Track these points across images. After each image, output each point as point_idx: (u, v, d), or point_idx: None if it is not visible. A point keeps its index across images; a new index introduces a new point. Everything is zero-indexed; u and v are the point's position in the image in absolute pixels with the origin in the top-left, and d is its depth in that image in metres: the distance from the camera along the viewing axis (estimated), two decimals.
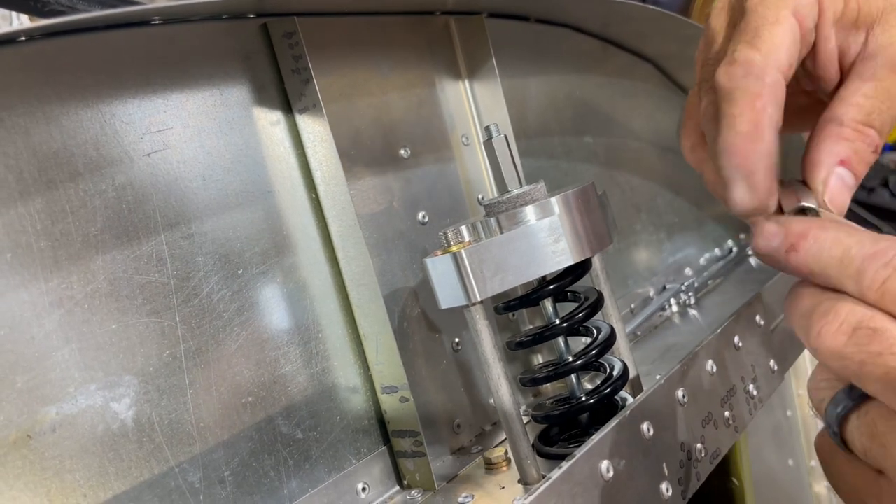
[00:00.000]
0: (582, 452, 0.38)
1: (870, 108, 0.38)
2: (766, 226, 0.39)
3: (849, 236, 0.36)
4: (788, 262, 0.38)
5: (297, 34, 0.42)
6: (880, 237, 0.36)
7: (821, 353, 0.35)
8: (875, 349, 0.34)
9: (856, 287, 0.35)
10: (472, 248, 0.39)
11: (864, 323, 0.34)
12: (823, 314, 0.35)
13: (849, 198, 0.38)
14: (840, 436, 0.36)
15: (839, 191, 0.38)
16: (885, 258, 0.35)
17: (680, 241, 0.77)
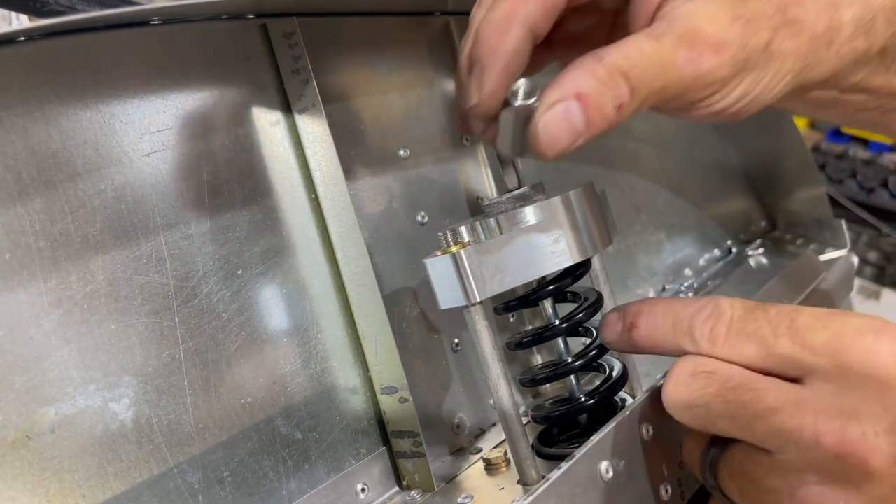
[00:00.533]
0: (581, 453, 0.38)
1: (636, 64, 0.35)
2: (607, 316, 0.42)
3: (675, 303, 0.39)
4: (633, 340, 0.40)
5: (297, 34, 0.42)
6: (701, 298, 0.38)
7: (671, 409, 0.38)
8: (713, 390, 0.36)
9: (692, 343, 0.38)
10: (472, 249, 0.39)
11: (698, 369, 0.37)
12: (668, 375, 0.37)
13: (568, 139, 0.35)
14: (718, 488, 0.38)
15: (560, 121, 0.35)
16: (708, 311, 0.37)
17: (680, 241, 0.77)
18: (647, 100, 0.36)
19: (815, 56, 0.39)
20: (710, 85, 0.37)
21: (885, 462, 0.33)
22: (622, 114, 0.35)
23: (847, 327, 0.34)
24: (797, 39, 0.38)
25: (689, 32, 0.36)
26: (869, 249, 1.80)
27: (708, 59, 0.36)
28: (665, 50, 0.35)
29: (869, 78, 0.44)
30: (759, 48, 0.37)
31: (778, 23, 0.37)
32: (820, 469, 0.34)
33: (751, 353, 0.36)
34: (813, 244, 0.84)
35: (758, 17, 0.37)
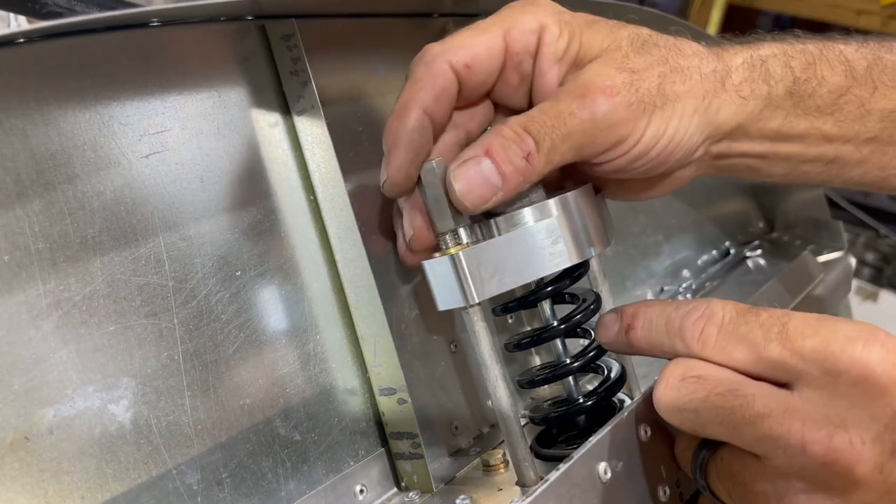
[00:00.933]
0: (579, 454, 0.38)
1: (535, 118, 0.39)
2: (604, 317, 0.42)
3: (669, 305, 0.40)
4: (629, 342, 0.41)
5: (296, 36, 0.42)
6: (695, 300, 0.39)
7: (661, 412, 0.38)
8: (702, 395, 0.36)
9: (683, 345, 0.38)
10: (470, 251, 0.39)
11: (688, 373, 0.37)
12: (659, 378, 0.38)
13: (483, 192, 0.38)
14: (708, 488, 0.39)
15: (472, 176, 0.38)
16: (699, 312, 0.38)
17: (678, 243, 0.77)
18: (555, 148, 0.39)
19: (712, 95, 0.42)
20: (613, 127, 0.40)
21: (871, 470, 0.33)
22: (533, 164, 0.38)
23: (837, 334, 0.34)
24: (687, 82, 0.41)
25: (580, 85, 0.40)
26: (867, 251, 1.81)
27: (600, 103, 0.39)
28: (561, 105, 0.39)
29: (790, 123, 0.46)
30: (651, 91, 0.40)
31: (664, 70, 0.41)
32: (807, 476, 0.35)
33: (741, 356, 0.36)
34: (811, 245, 0.84)
35: (643, 68, 0.41)
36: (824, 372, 0.34)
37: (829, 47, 0.46)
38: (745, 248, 0.83)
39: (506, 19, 0.41)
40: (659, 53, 0.41)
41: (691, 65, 0.42)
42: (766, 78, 0.44)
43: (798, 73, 0.44)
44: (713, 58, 0.43)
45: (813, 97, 0.45)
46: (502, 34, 0.41)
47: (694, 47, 0.43)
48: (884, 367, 0.33)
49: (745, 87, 0.43)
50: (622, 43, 0.41)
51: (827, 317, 0.36)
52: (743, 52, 0.44)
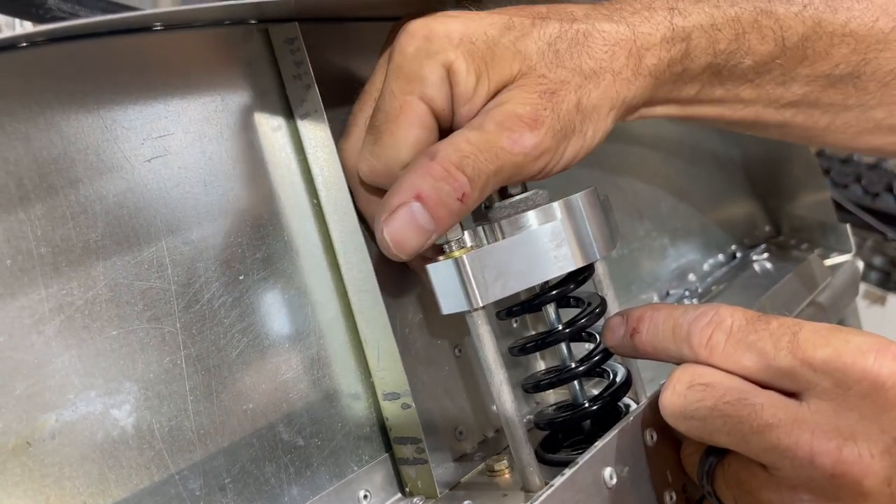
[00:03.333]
0: (584, 459, 0.37)
1: (467, 153, 0.37)
2: (610, 320, 0.42)
3: (676, 309, 0.39)
4: (635, 346, 0.41)
5: (299, 40, 0.42)
6: (703, 305, 0.38)
7: (668, 419, 0.38)
8: (709, 403, 0.36)
9: (690, 350, 0.38)
10: (474, 254, 0.38)
11: (695, 380, 0.37)
12: (665, 384, 0.37)
13: (417, 239, 0.37)
14: (714, 494, 0.38)
15: (404, 225, 0.36)
16: (707, 317, 0.37)
17: (683, 246, 0.77)
18: (487, 184, 0.38)
19: (625, 88, 0.41)
20: (540, 157, 0.39)
21: (880, 484, 0.33)
22: (466, 204, 0.37)
23: (848, 345, 0.34)
24: (601, 85, 0.41)
25: (506, 117, 0.38)
26: (874, 254, 1.80)
27: (528, 138, 0.38)
28: (490, 136, 0.38)
29: (704, 91, 0.45)
30: (571, 111, 0.40)
31: (579, 82, 0.40)
32: (815, 488, 0.34)
33: (750, 364, 0.36)
34: (818, 249, 0.83)
35: (560, 87, 0.39)
36: (835, 383, 0.34)
37: (766, 13, 0.44)
38: (751, 252, 0.82)
39: (411, 81, 0.38)
40: (570, 61, 0.40)
41: (602, 66, 0.40)
42: (684, 56, 0.43)
43: (721, 47, 0.43)
44: (625, 41, 0.41)
45: (734, 69, 0.45)
46: (420, 101, 0.38)
47: (606, 34, 0.41)
48: (894, 379, 0.33)
49: (659, 67, 0.42)
50: (533, 62, 0.39)
51: (838, 327, 0.35)
52: (664, 22, 0.42)
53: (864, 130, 0.50)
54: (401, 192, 0.37)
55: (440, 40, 0.38)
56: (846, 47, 0.46)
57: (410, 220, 0.36)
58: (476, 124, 0.38)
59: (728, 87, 0.46)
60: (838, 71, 0.47)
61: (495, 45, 0.39)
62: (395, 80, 0.39)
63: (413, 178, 0.37)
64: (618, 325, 0.41)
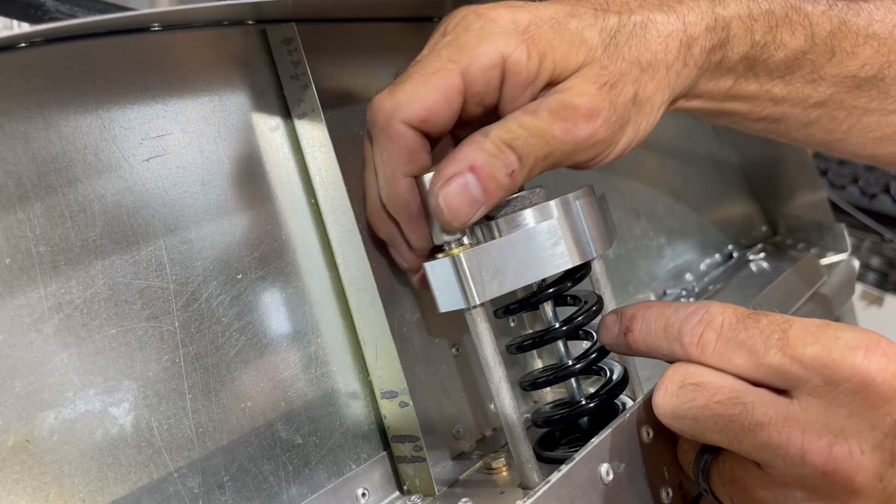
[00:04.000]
0: (581, 456, 0.38)
1: (518, 135, 0.38)
2: (605, 318, 0.42)
3: (668, 307, 0.39)
4: (629, 344, 0.41)
5: (296, 40, 0.42)
6: (695, 303, 0.38)
7: (661, 418, 0.38)
8: (701, 402, 0.36)
9: (681, 348, 0.38)
10: (471, 252, 0.39)
11: (686, 380, 0.37)
12: (658, 384, 0.38)
13: (469, 209, 0.37)
14: (710, 491, 0.39)
15: (458, 194, 0.37)
16: (698, 316, 0.38)
17: (680, 246, 0.77)
18: (535, 165, 0.39)
19: (675, 77, 0.43)
20: (593, 146, 0.40)
21: (871, 479, 0.33)
22: (515, 180, 0.38)
23: (838, 342, 0.34)
24: (656, 77, 0.41)
25: (561, 106, 0.39)
26: (872, 255, 1.80)
27: (582, 128, 0.39)
28: (542, 123, 0.38)
29: (739, 85, 0.47)
30: (628, 104, 0.40)
31: (636, 74, 0.41)
32: (807, 485, 0.34)
33: (740, 362, 0.36)
34: (814, 248, 0.84)
35: (619, 79, 0.40)
36: (824, 380, 0.34)
37: (796, 9, 0.46)
38: (748, 252, 0.83)
39: (462, 53, 0.38)
40: (629, 53, 0.41)
41: (657, 58, 0.41)
42: (725, 43, 0.44)
43: (757, 38, 0.45)
44: (677, 32, 0.42)
45: (768, 61, 0.46)
46: (459, 74, 0.38)
47: (659, 25, 0.42)
48: (884, 375, 0.33)
49: (703, 56, 0.43)
50: (597, 52, 0.40)
51: (828, 323, 0.35)
52: (708, 11, 0.43)
53: (884, 136, 0.52)
54: (455, 162, 0.37)
55: (506, 24, 0.38)
56: (870, 48, 0.47)
57: (464, 189, 0.37)
58: (531, 109, 0.39)
59: (761, 82, 0.47)
60: (863, 73, 0.48)
61: (562, 30, 0.39)
62: (446, 46, 0.39)
63: (467, 150, 0.37)
64: (612, 324, 0.41)
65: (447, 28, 0.40)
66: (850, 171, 1.89)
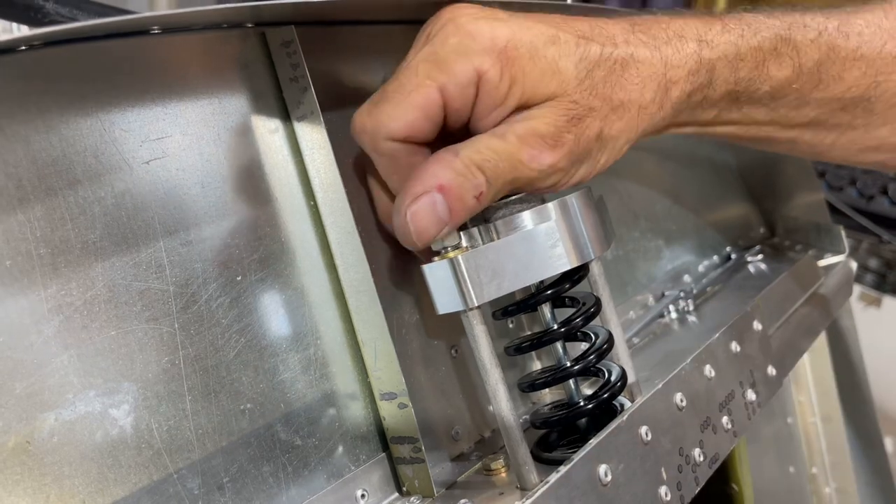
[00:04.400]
0: (579, 457, 0.38)
1: (488, 157, 0.38)
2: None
3: None
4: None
5: (295, 43, 0.42)
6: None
7: None
8: None
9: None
10: (469, 254, 0.39)
11: None
12: None
13: (435, 230, 0.38)
14: None
15: (426, 213, 0.37)
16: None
17: (678, 248, 0.77)
18: (501, 189, 0.39)
19: (648, 121, 0.43)
20: (552, 175, 0.41)
21: None
22: (481, 202, 0.39)
23: None
24: (625, 117, 0.42)
25: (529, 132, 0.39)
26: (870, 257, 1.80)
27: (546, 156, 0.39)
28: (511, 148, 0.39)
29: (721, 116, 0.47)
30: (591, 139, 0.41)
31: (606, 112, 0.41)
32: None
33: None
34: (811, 250, 0.84)
35: (588, 114, 0.40)
36: None
37: (785, 40, 0.45)
38: (746, 253, 0.83)
39: (441, 69, 0.38)
40: (603, 90, 0.41)
41: (631, 98, 0.41)
42: (707, 85, 0.44)
43: (742, 75, 0.45)
44: (656, 75, 0.42)
45: (753, 94, 0.46)
46: (437, 91, 0.38)
47: (640, 65, 0.41)
48: None
49: (682, 99, 0.43)
50: (570, 85, 0.40)
51: None
52: (693, 55, 0.43)
53: (868, 147, 0.52)
54: (424, 179, 0.38)
55: (483, 42, 0.38)
56: (857, 71, 0.47)
57: (432, 208, 0.37)
58: (500, 133, 0.39)
59: (744, 111, 0.47)
60: (850, 94, 0.48)
61: (538, 56, 0.39)
62: (424, 62, 0.39)
63: (436, 168, 0.38)
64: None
65: (430, 32, 0.40)
66: (847, 173, 1.89)
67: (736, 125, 0.48)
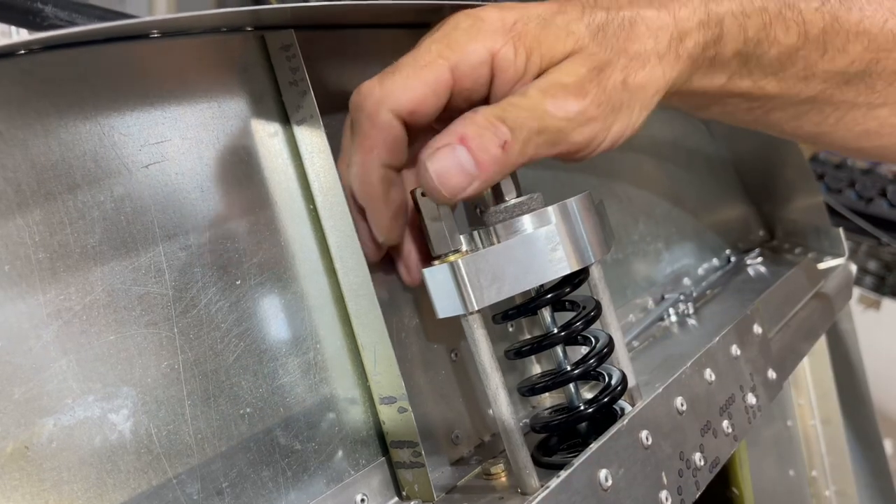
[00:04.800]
0: (580, 461, 0.38)
1: (508, 109, 0.38)
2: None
3: None
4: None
5: (294, 46, 0.42)
6: None
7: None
8: None
9: None
10: (469, 258, 0.39)
11: None
12: None
13: (461, 178, 0.37)
14: None
15: (448, 162, 0.37)
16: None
17: (678, 251, 0.77)
18: (529, 139, 0.38)
19: (669, 69, 0.43)
20: (586, 125, 0.40)
21: None
22: (508, 153, 0.38)
23: None
24: (647, 66, 0.42)
25: (549, 84, 0.40)
26: (869, 259, 1.80)
27: (572, 104, 0.39)
28: (533, 101, 0.39)
29: (733, 82, 0.47)
30: (618, 87, 0.41)
31: (625, 62, 0.42)
32: None
33: None
34: (811, 253, 0.84)
35: (608, 65, 0.41)
36: None
37: (790, 6, 0.46)
38: (745, 256, 0.83)
39: (452, 49, 0.39)
40: (617, 42, 0.41)
41: (647, 48, 0.42)
42: (717, 40, 0.45)
43: (751, 34, 0.45)
44: (667, 26, 0.43)
45: (761, 58, 0.47)
46: (449, 70, 0.39)
47: (649, 21, 0.42)
48: None
49: (696, 50, 0.44)
50: (584, 40, 0.41)
51: None
52: (701, 7, 0.44)
53: (870, 129, 0.53)
54: (444, 135, 0.38)
55: (493, 23, 0.40)
56: (860, 45, 0.48)
57: (454, 158, 0.37)
58: (521, 90, 0.39)
59: (755, 79, 0.48)
60: (853, 68, 0.49)
61: (549, 24, 0.40)
62: (437, 42, 0.39)
63: (457, 124, 0.38)
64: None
65: (439, 26, 0.41)
66: (846, 175, 1.89)
67: (745, 97, 0.49)
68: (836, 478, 0.91)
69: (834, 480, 0.91)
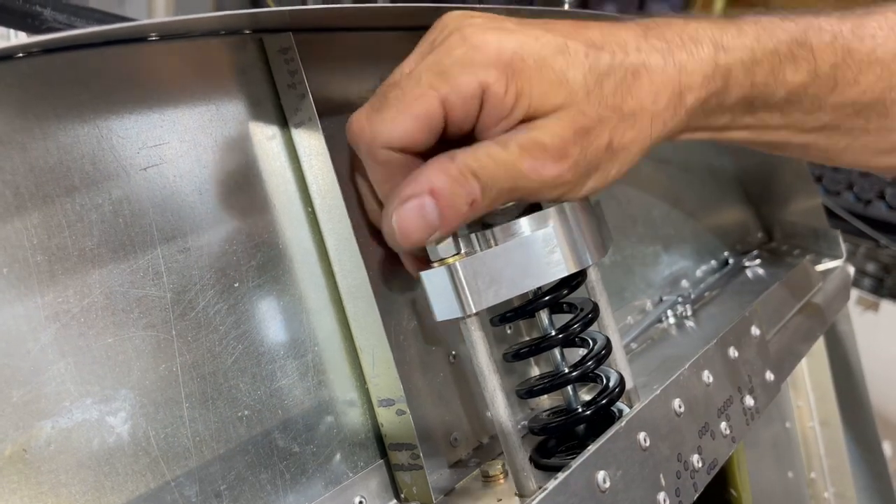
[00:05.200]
0: (577, 463, 0.38)
1: (485, 165, 0.37)
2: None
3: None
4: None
5: (293, 49, 0.42)
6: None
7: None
8: None
9: None
10: (467, 261, 0.39)
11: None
12: None
13: (421, 232, 0.37)
14: None
15: (413, 216, 0.37)
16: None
17: (676, 253, 0.77)
18: (498, 197, 0.38)
19: (661, 128, 0.42)
20: (559, 187, 0.39)
21: None
22: (475, 209, 0.38)
23: None
24: (637, 126, 0.41)
25: (531, 143, 0.38)
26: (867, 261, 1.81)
27: (550, 168, 0.38)
28: (511, 157, 0.38)
29: (735, 121, 0.46)
30: (600, 151, 0.40)
31: (615, 122, 0.40)
32: None
33: None
34: (809, 254, 0.84)
35: (596, 126, 0.39)
36: None
37: (801, 44, 0.45)
38: (743, 258, 0.83)
39: (444, 80, 0.37)
40: (613, 99, 0.39)
41: (644, 106, 0.40)
42: (722, 91, 0.43)
43: (758, 79, 0.44)
44: (670, 82, 0.41)
45: (768, 99, 0.45)
46: (439, 102, 0.37)
47: (653, 74, 0.40)
48: None
49: (696, 104, 0.42)
50: (577, 96, 0.39)
51: None
52: (709, 59, 0.42)
53: (882, 151, 0.51)
54: (416, 183, 0.37)
55: (489, 54, 0.38)
56: (873, 74, 0.47)
57: (420, 212, 0.36)
58: (502, 141, 0.38)
59: (759, 116, 0.46)
60: (865, 98, 0.47)
61: (545, 67, 0.38)
62: (428, 71, 0.38)
63: (430, 172, 0.37)
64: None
65: (435, 40, 0.39)
66: (844, 178, 1.90)
67: (749, 130, 0.47)
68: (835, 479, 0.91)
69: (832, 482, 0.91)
